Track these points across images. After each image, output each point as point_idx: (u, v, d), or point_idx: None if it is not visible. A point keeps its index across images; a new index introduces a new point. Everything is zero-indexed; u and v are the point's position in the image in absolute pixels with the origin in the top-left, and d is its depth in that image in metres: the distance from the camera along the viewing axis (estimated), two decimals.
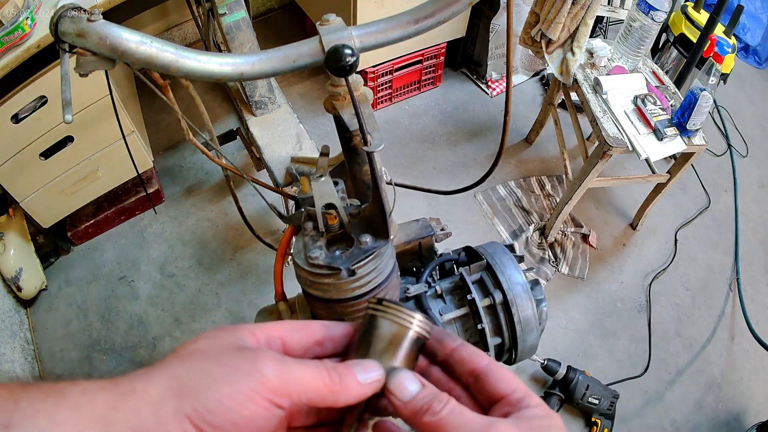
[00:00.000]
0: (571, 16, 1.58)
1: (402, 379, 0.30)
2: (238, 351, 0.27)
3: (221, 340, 0.28)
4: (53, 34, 0.45)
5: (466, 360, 0.32)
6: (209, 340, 0.28)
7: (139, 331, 1.66)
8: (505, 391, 0.30)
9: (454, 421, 0.28)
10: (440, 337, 0.34)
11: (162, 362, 0.27)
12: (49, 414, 0.23)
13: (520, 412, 0.29)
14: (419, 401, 0.29)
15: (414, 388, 0.30)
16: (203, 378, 0.26)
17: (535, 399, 0.30)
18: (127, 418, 0.25)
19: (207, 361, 0.27)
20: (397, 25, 0.50)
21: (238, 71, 0.47)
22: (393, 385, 0.30)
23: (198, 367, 0.26)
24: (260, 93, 1.50)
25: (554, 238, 1.94)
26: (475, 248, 0.75)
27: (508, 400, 0.30)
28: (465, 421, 0.28)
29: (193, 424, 0.25)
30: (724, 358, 1.77)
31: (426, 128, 2.24)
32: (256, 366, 0.26)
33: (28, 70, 1.28)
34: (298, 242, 0.56)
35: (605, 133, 1.54)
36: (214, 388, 0.25)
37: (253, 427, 0.26)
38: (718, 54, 1.75)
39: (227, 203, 1.94)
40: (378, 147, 0.47)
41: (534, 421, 0.28)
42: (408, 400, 0.29)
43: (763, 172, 2.35)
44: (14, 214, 1.63)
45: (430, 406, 0.29)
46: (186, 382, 0.26)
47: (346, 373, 0.29)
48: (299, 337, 0.32)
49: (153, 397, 0.25)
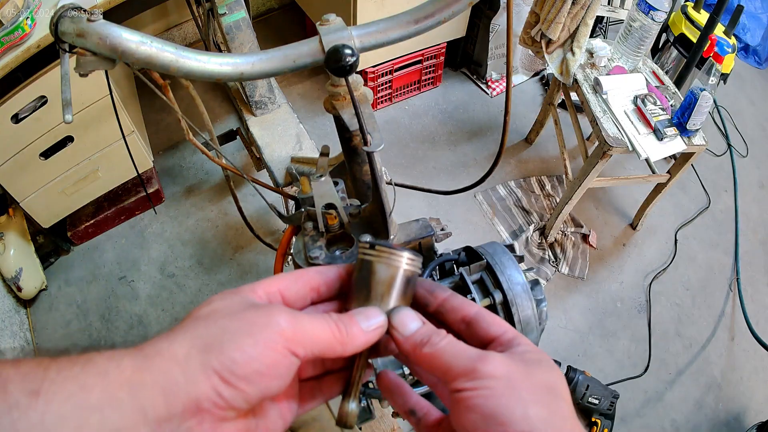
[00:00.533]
0: (571, 16, 1.58)
1: (403, 316, 0.32)
2: (252, 307, 0.29)
3: (233, 300, 0.30)
4: (53, 34, 0.45)
5: (457, 308, 0.34)
6: (223, 301, 0.30)
7: (139, 331, 1.66)
8: (496, 332, 0.32)
9: (450, 351, 0.30)
10: (431, 288, 0.35)
11: (181, 325, 0.28)
12: (78, 380, 0.24)
13: (512, 349, 0.31)
14: (419, 335, 0.31)
15: (415, 325, 0.32)
16: (225, 333, 0.27)
17: (524, 339, 0.32)
18: (156, 378, 0.25)
19: (226, 319, 0.28)
20: (397, 25, 0.50)
21: (238, 71, 0.47)
22: (396, 321, 0.32)
23: (219, 324, 0.28)
24: (260, 93, 1.50)
25: (554, 238, 1.94)
26: (475, 248, 0.75)
27: (499, 341, 0.32)
28: (460, 350, 0.30)
29: (220, 376, 0.26)
30: (724, 358, 1.77)
31: (426, 128, 2.24)
32: (271, 319, 0.28)
33: (28, 70, 1.28)
34: (298, 242, 0.56)
35: (605, 133, 1.54)
36: (236, 341, 0.27)
37: (274, 374, 0.28)
38: (718, 54, 1.75)
39: (227, 203, 1.94)
40: (378, 147, 0.47)
41: (526, 355, 0.30)
42: (409, 335, 0.32)
43: (763, 172, 2.35)
44: (14, 214, 1.63)
45: (429, 339, 0.31)
46: (209, 338, 0.27)
47: (351, 323, 0.31)
48: (296, 288, 0.33)
49: (179, 356, 0.26)
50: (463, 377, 0.28)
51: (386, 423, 1.27)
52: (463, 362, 0.29)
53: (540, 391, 0.28)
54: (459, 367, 0.29)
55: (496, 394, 0.27)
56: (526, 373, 0.29)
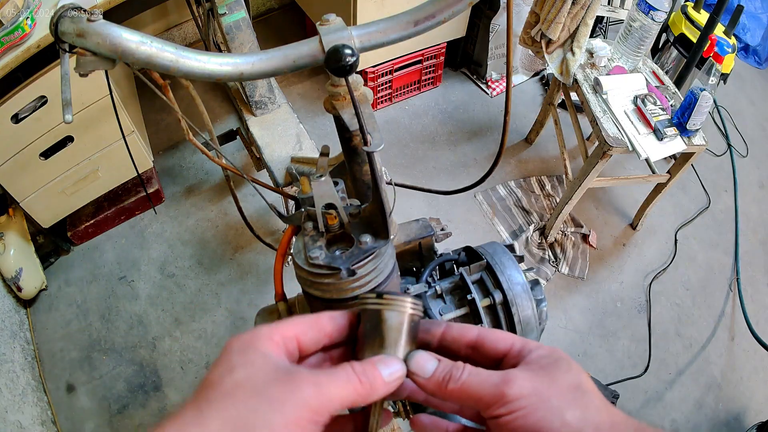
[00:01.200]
0: (571, 16, 1.58)
1: (419, 359, 0.33)
2: (276, 379, 0.30)
3: (256, 366, 0.30)
4: (53, 34, 0.45)
5: (458, 337, 0.35)
6: (245, 369, 0.30)
7: (139, 331, 1.66)
8: (504, 347, 0.33)
9: (475, 381, 0.31)
10: (426, 328, 0.36)
11: (207, 399, 0.29)
12: None
13: (527, 358, 0.32)
14: (440, 374, 0.32)
15: (432, 365, 0.32)
16: (254, 415, 0.28)
17: (533, 343, 0.33)
18: None
19: (253, 398, 0.29)
20: (398, 25, 0.50)
21: (238, 71, 0.47)
22: (414, 367, 0.33)
23: (247, 405, 0.28)
24: (260, 93, 1.50)
25: (554, 238, 1.94)
26: (475, 248, 0.75)
27: (511, 354, 0.33)
28: (484, 378, 0.31)
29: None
30: (724, 358, 1.77)
31: (426, 128, 2.24)
32: (297, 394, 0.29)
33: (28, 70, 1.28)
34: (298, 242, 0.56)
35: (605, 133, 1.54)
36: (265, 423, 0.28)
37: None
38: (718, 54, 1.75)
39: (227, 203, 1.94)
40: (378, 147, 0.46)
41: (542, 361, 0.31)
42: (429, 376, 0.32)
43: (762, 172, 2.35)
44: (14, 214, 1.63)
45: (451, 375, 0.31)
46: (240, 422, 0.28)
47: (374, 374, 0.31)
48: (312, 335, 0.34)
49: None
50: (495, 405, 0.29)
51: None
52: (490, 390, 0.30)
53: (568, 393, 0.29)
54: (488, 395, 0.30)
55: (531, 412, 0.28)
56: (549, 380, 0.30)
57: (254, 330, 0.32)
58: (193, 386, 1.55)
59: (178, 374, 1.58)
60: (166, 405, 1.52)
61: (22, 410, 1.35)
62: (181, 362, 1.60)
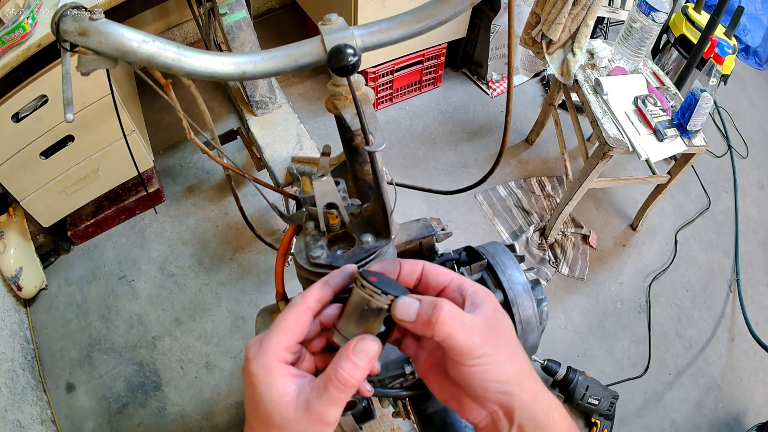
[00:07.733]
0: (571, 16, 1.58)
1: (402, 304, 0.37)
2: (303, 414, 0.34)
3: (282, 406, 0.34)
4: (55, 32, 0.45)
5: (408, 274, 0.41)
6: (278, 416, 0.35)
7: (139, 331, 1.66)
8: (444, 281, 0.39)
9: (455, 319, 0.35)
10: (389, 269, 0.41)
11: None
12: None
13: (469, 299, 0.38)
14: (424, 314, 0.35)
15: (415, 306, 0.36)
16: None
17: (467, 282, 0.39)
18: None
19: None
20: (399, 25, 0.50)
21: (240, 70, 0.47)
22: (399, 313, 0.36)
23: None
24: (261, 93, 1.50)
25: (554, 239, 1.94)
26: (475, 248, 0.75)
27: (450, 288, 0.39)
28: (459, 317, 0.35)
29: None
30: (723, 359, 1.77)
31: (426, 128, 2.24)
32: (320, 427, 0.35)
33: (28, 69, 1.28)
34: (300, 242, 0.56)
35: (606, 134, 1.54)
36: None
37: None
38: (719, 55, 1.75)
39: (227, 203, 1.94)
40: (380, 147, 0.46)
41: (486, 310, 0.37)
42: (414, 318, 0.36)
43: (763, 174, 2.35)
44: (14, 213, 1.63)
45: (434, 316, 0.35)
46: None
47: (357, 375, 0.35)
48: (304, 329, 0.38)
49: None
50: (467, 356, 0.35)
51: (386, 423, 1.27)
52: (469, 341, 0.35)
53: (511, 348, 0.36)
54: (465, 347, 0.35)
55: (493, 363, 0.35)
56: (492, 333, 0.36)
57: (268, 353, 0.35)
58: (193, 386, 1.55)
59: (178, 374, 1.58)
60: (165, 404, 1.52)
61: (21, 409, 1.35)
62: (181, 362, 1.60)
